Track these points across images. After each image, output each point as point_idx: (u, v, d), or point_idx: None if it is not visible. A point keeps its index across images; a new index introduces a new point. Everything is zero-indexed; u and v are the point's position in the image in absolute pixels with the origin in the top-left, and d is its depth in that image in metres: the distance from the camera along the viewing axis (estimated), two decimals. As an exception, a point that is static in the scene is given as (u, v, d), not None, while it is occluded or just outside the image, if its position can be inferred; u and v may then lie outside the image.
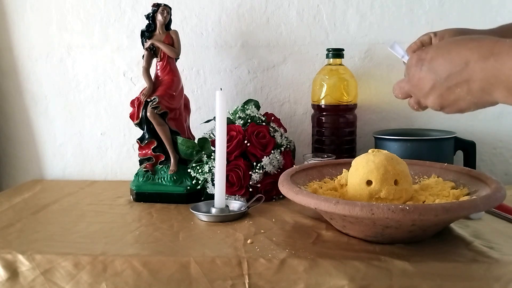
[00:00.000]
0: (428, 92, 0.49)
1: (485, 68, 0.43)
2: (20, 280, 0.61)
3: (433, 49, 0.49)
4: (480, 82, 0.44)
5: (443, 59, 0.47)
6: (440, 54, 0.47)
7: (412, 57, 0.51)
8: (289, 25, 1.06)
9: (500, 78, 0.42)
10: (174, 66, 0.92)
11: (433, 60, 0.48)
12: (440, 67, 0.47)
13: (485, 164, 1.05)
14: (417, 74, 0.50)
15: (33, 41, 1.10)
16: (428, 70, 0.48)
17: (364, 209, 0.55)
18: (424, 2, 1.02)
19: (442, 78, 0.47)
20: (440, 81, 0.47)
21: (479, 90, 0.44)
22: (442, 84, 0.47)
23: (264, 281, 0.58)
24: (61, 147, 1.14)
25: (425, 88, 0.49)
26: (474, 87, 0.45)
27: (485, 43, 0.44)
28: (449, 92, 0.47)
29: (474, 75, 0.44)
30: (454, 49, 0.46)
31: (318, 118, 0.99)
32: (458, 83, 0.46)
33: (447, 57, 0.46)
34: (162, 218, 0.79)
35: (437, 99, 0.48)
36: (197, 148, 0.89)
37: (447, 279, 0.55)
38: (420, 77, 0.49)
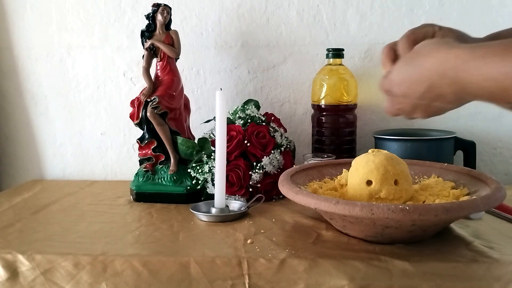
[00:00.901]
0: (412, 111, 0.51)
1: (450, 84, 0.44)
2: (20, 280, 0.61)
3: (395, 75, 0.51)
4: (452, 94, 0.45)
5: (408, 83, 0.49)
6: (404, 81, 0.49)
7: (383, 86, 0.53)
8: (289, 25, 1.06)
9: (466, 90, 0.43)
10: (174, 66, 0.92)
11: (400, 87, 0.50)
12: (410, 91, 0.49)
13: (485, 164, 1.05)
14: (394, 103, 0.52)
15: (33, 41, 1.10)
16: (402, 97, 0.50)
17: (364, 209, 0.55)
18: (424, 2, 1.02)
19: (416, 98, 0.49)
20: (416, 101, 0.49)
21: (455, 99, 0.46)
22: (420, 103, 0.49)
23: (264, 281, 0.58)
24: (61, 147, 1.14)
25: (407, 110, 0.51)
26: (449, 98, 0.46)
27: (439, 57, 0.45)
28: (430, 107, 0.49)
29: (443, 90, 0.46)
30: (414, 70, 0.48)
31: (318, 118, 0.99)
32: (433, 99, 0.47)
33: (412, 81, 0.48)
34: (162, 218, 0.79)
35: (423, 113, 0.51)
36: (197, 148, 0.89)
37: (447, 279, 0.55)
38: (398, 103, 0.52)
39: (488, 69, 0.40)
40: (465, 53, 0.43)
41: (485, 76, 0.41)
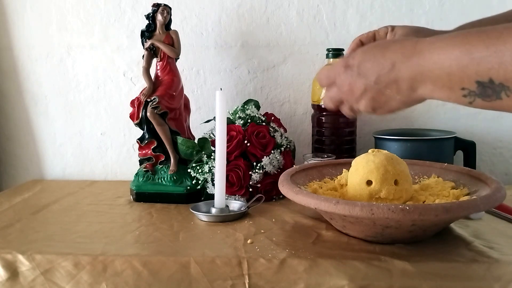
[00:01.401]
0: (360, 96, 0.50)
1: (410, 67, 0.45)
2: (20, 280, 0.61)
3: (359, 54, 0.51)
4: (407, 81, 0.46)
5: (370, 63, 0.49)
6: (367, 59, 0.49)
7: (339, 64, 0.52)
8: (289, 25, 1.06)
9: (425, 73, 0.44)
10: (174, 66, 0.92)
11: (361, 65, 0.50)
12: (369, 71, 0.49)
13: (485, 164, 1.05)
14: (347, 80, 0.51)
15: (33, 41, 1.10)
16: (358, 75, 0.50)
17: (364, 209, 0.55)
18: (424, 2, 1.02)
19: (372, 81, 0.48)
20: (370, 84, 0.49)
21: (408, 88, 0.46)
22: (372, 87, 0.49)
23: (264, 281, 0.58)
24: (61, 147, 1.14)
25: (357, 92, 0.50)
26: (402, 86, 0.47)
27: (407, 43, 0.46)
28: (380, 94, 0.49)
29: (401, 74, 0.46)
30: (379, 52, 0.48)
31: (318, 118, 0.99)
32: (387, 84, 0.47)
33: (374, 61, 0.48)
34: (162, 218, 0.79)
35: (369, 102, 0.50)
36: (197, 148, 0.89)
37: (447, 279, 0.55)
38: (350, 82, 0.51)
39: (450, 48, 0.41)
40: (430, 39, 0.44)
41: (446, 55, 0.42)
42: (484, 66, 0.39)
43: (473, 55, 0.39)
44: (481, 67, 0.39)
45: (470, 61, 0.40)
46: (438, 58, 0.43)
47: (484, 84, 0.40)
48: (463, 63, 0.40)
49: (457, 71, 0.41)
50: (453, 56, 0.41)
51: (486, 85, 0.40)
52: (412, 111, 1.06)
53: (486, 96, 0.41)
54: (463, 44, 0.41)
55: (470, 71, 0.40)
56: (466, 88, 0.41)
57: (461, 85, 0.41)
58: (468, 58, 0.40)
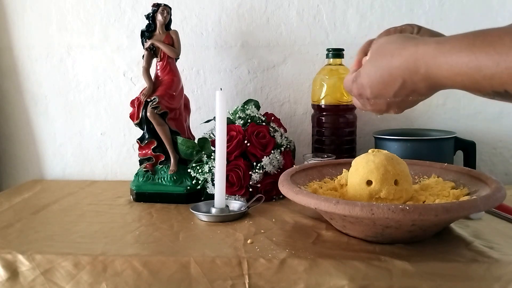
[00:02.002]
0: (387, 109, 0.52)
1: (422, 79, 0.45)
2: (20, 280, 0.61)
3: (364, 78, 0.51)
4: (425, 88, 0.47)
5: (380, 85, 0.49)
6: (376, 83, 0.50)
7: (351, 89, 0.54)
8: (289, 25, 1.06)
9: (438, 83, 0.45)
10: (174, 66, 0.92)
11: (372, 89, 0.50)
12: (383, 92, 0.49)
13: (485, 164, 1.05)
14: (367, 104, 0.53)
15: (33, 41, 1.10)
16: (375, 97, 0.51)
17: (364, 209, 0.55)
18: (424, 2, 1.02)
19: (391, 97, 0.49)
20: (391, 99, 0.50)
21: (428, 91, 0.47)
22: (394, 101, 0.50)
23: (264, 281, 0.58)
24: (61, 147, 1.14)
25: (383, 109, 0.52)
26: (423, 92, 0.48)
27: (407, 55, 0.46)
28: (404, 102, 0.50)
29: (416, 86, 0.47)
30: (384, 72, 0.49)
31: (318, 118, 0.99)
32: (407, 95, 0.48)
33: (383, 82, 0.49)
34: (162, 218, 0.79)
35: (397, 109, 0.52)
36: (197, 148, 0.89)
37: (447, 279, 0.55)
38: (372, 104, 0.52)
39: (457, 64, 0.41)
40: (432, 48, 0.44)
41: (455, 71, 0.41)
42: (497, 81, 0.39)
43: (484, 73, 0.39)
44: (495, 82, 0.39)
45: (482, 78, 0.40)
46: (448, 74, 0.42)
47: (501, 93, 0.40)
48: (475, 78, 0.40)
49: (470, 85, 0.41)
50: (462, 72, 0.41)
51: (502, 94, 0.40)
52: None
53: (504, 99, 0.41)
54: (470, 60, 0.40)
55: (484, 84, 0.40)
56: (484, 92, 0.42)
57: (478, 91, 0.42)
58: (479, 75, 0.40)
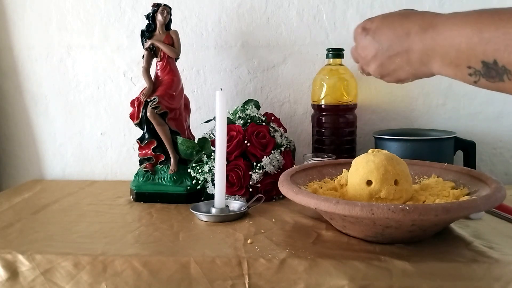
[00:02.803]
0: (370, 60, 0.52)
1: (424, 39, 0.46)
2: (20, 280, 0.61)
3: (379, 19, 0.52)
4: (419, 53, 0.46)
5: (387, 29, 0.50)
6: (385, 25, 0.50)
7: (358, 26, 0.54)
8: (289, 25, 1.06)
9: (435, 49, 0.45)
10: (174, 66, 0.92)
11: (377, 30, 0.51)
12: (383, 37, 0.50)
13: (485, 164, 1.05)
14: (361, 42, 0.53)
15: (33, 41, 1.10)
16: (372, 39, 0.51)
17: (364, 209, 0.55)
18: (424, 2, 1.02)
19: (384, 47, 0.49)
20: (382, 50, 0.50)
21: (418, 61, 0.47)
22: (383, 53, 0.50)
23: (264, 281, 0.58)
24: (61, 147, 1.14)
25: (368, 56, 0.52)
26: (413, 58, 0.47)
27: (426, 16, 0.47)
28: (390, 62, 0.50)
29: (413, 45, 0.47)
30: (398, 20, 0.49)
31: (318, 118, 0.99)
32: (398, 53, 0.48)
33: (391, 28, 0.49)
34: (162, 218, 0.79)
35: (378, 67, 0.51)
36: (197, 148, 0.89)
37: (447, 279, 0.55)
38: (364, 45, 0.52)
39: (463, 25, 0.42)
40: (447, 14, 0.45)
41: (458, 31, 0.42)
42: (491, 47, 0.40)
43: (483, 35, 0.40)
44: (488, 47, 0.40)
45: (479, 40, 0.40)
46: (450, 34, 0.43)
47: (489, 64, 0.40)
48: (473, 41, 0.41)
49: (465, 49, 0.42)
50: (464, 33, 0.42)
51: (490, 66, 0.40)
52: (412, 111, 1.06)
53: (490, 77, 0.41)
54: (475, 22, 0.41)
55: (478, 50, 0.41)
56: (472, 67, 0.42)
57: (468, 63, 0.42)
58: (477, 37, 0.40)
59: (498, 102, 1.03)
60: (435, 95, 1.04)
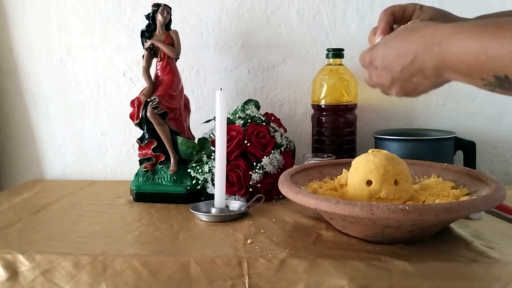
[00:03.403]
0: (389, 86, 0.53)
1: (433, 57, 0.46)
2: (20, 280, 0.61)
3: (381, 47, 0.53)
4: (432, 69, 0.47)
5: (393, 55, 0.50)
6: (389, 52, 0.51)
7: (364, 57, 0.55)
8: (289, 25, 1.06)
9: (446, 63, 0.45)
10: (174, 66, 0.92)
11: (384, 59, 0.52)
12: (393, 63, 0.50)
13: (485, 164, 1.05)
14: (374, 73, 0.54)
15: (33, 41, 1.10)
16: (383, 68, 0.52)
17: (364, 209, 0.55)
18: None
19: (397, 72, 0.50)
20: (396, 75, 0.51)
21: (434, 74, 0.48)
22: (399, 77, 0.51)
23: (264, 281, 0.58)
24: (61, 147, 1.14)
25: (386, 83, 0.53)
26: (428, 73, 0.48)
27: (427, 32, 0.47)
28: (408, 83, 0.51)
29: (424, 64, 0.47)
30: (401, 44, 0.50)
31: (318, 118, 0.99)
32: (413, 74, 0.49)
33: (396, 53, 0.50)
34: (162, 218, 0.79)
35: (399, 90, 0.52)
36: (197, 148, 0.89)
37: (447, 279, 0.55)
38: (378, 75, 0.53)
39: (468, 42, 0.43)
40: (449, 27, 0.45)
41: (464, 49, 0.43)
42: (499, 64, 0.40)
43: (489, 53, 0.41)
44: (497, 65, 0.40)
45: (487, 59, 0.41)
46: (457, 51, 0.44)
47: (501, 78, 0.41)
48: (480, 59, 0.42)
49: (475, 66, 0.42)
50: (470, 51, 0.42)
51: (503, 80, 0.41)
52: (412, 111, 1.06)
53: (504, 88, 0.42)
54: (479, 40, 0.42)
55: (487, 67, 0.41)
56: (485, 79, 0.43)
57: (481, 77, 0.43)
58: (484, 56, 0.41)
59: (498, 102, 1.03)
60: (435, 95, 1.04)
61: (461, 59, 0.44)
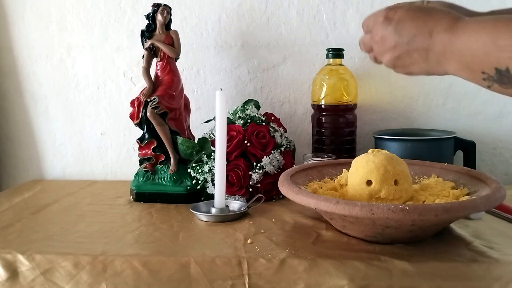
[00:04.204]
0: (388, 50, 0.52)
1: (443, 41, 0.47)
2: (20, 280, 0.61)
3: (402, 11, 0.51)
4: (437, 53, 0.47)
5: (410, 23, 0.50)
6: (409, 18, 0.50)
7: (380, 14, 0.53)
8: (289, 25, 1.06)
9: (453, 51, 0.46)
10: (174, 66, 0.92)
11: (400, 22, 0.50)
12: (405, 31, 0.50)
13: (485, 164, 1.05)
14: (381, 31, 0.52)
15: (33, 41, 1.10)
16: (394, 30, 0.51)
17: (364, 209, 0.55)
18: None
19: (404, 41, 0.50)
20: (402, 43, 0.50)
21: (435, 60, 0.48)
22: (403, 47, 0.50)
23: (264, 281, 0.58)
24: (61, 147, 1.14)
25: (387, 46, 0.52)
26: (431, 57, 0.48)
27: (449, 17, 0.47)
28: (407, 56, 0.50)
29: (433, 46, 0.47)
30: (422, 16, 0.49)
31: (318, 118, 0.99)
32: (417, 49, 0.49)
33: (414, 23, 0.49)
34: (162, 218, 0.79)
35: (394, 59, 0.52)
36: (197, 148, 0.89)
37: (447, 279, 0.55)
38: (384, 35, 0.52)
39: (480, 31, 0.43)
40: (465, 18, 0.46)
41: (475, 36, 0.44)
42: (504, 55, 0.41)
43: (498, 43, 0.41)
44: (502, 55, 0.41)
45: (494, 48, 0.42)
46: (468, 39, 0.44)
47: (502, 72, 0.41)
48: (488, 48, 0.42)
49: (480, 55, 0.43)
50: (480, 39, 0.43)
51: (503, 73, 0.41)
52: (412, 111, 1.06)
53: (502, 83, 0.42)
54: (492, 29, 0.42)
55: (492, 57, 0.42)
56: (486, 72, 0.43)
57: (482, 69, 0.43)
58: (492, 45, 0.42)
59: (498, 102, 1.03)
60: (435, 95, 1.04)
61: (468, 47, 0.44)
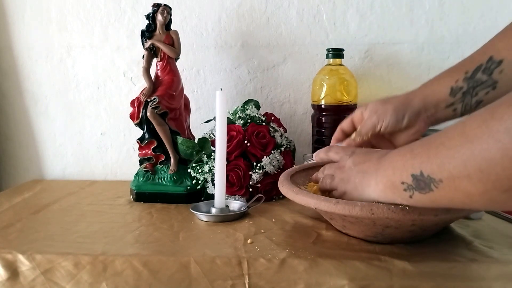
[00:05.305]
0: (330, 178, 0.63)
1: (376, 162, 0.55)
2: (20, 280, 0.61)
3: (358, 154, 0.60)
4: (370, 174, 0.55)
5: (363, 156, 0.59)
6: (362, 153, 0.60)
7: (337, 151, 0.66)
8: (289, 25, 1.06)
9: (379, 169, 0.53)
10: (174, 66, 0.92)
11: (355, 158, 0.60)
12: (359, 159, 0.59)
13: (485, 164, 1.05)
14: (342, 162, 0.62)
15: (33, 41, 1.10)
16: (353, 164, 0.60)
17: (364, 209, 0.55)
18: (424, 2, 1.02)
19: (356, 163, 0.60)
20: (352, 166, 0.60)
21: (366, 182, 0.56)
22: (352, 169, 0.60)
23: (264, 281, 0.58)
24: (61, 147, 1.14)
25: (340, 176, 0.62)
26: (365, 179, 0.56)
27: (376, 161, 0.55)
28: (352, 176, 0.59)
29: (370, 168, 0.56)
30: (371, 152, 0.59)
31: (318, 118, 0.99)
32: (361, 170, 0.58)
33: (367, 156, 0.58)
34: (162, 218, 0.79)
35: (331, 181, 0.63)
36: (197, 148, 0.89)
37: (447, 279, 0.55)
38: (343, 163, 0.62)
39: (405, 147, 0.50)
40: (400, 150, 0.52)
41: (398, 151, 0.51)
42: (418, 160, 0.46)
43: (414, 151, 0.47)
44: (416, 161, 0.46)
45: (410, 156, 0.47)
46: (392, 155, 0.52)
47: (417, 176, 0.45)
48: (406, 157, 0.48)
49: (400, 165, 0.49)
50: (402, 152, 0.50)
51: (418, 178, 0.45)
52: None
53: (421, 189, 0.46)
54: (412, 144, 0.48)
55: (408, 165, 0.47)
56: (405, 182, 0.48)
57: (401, 179, 0.48)
58: (409, 154, 0.48)
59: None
60: (435, 95, 1.04)
61: (391, 159, 0.51)
